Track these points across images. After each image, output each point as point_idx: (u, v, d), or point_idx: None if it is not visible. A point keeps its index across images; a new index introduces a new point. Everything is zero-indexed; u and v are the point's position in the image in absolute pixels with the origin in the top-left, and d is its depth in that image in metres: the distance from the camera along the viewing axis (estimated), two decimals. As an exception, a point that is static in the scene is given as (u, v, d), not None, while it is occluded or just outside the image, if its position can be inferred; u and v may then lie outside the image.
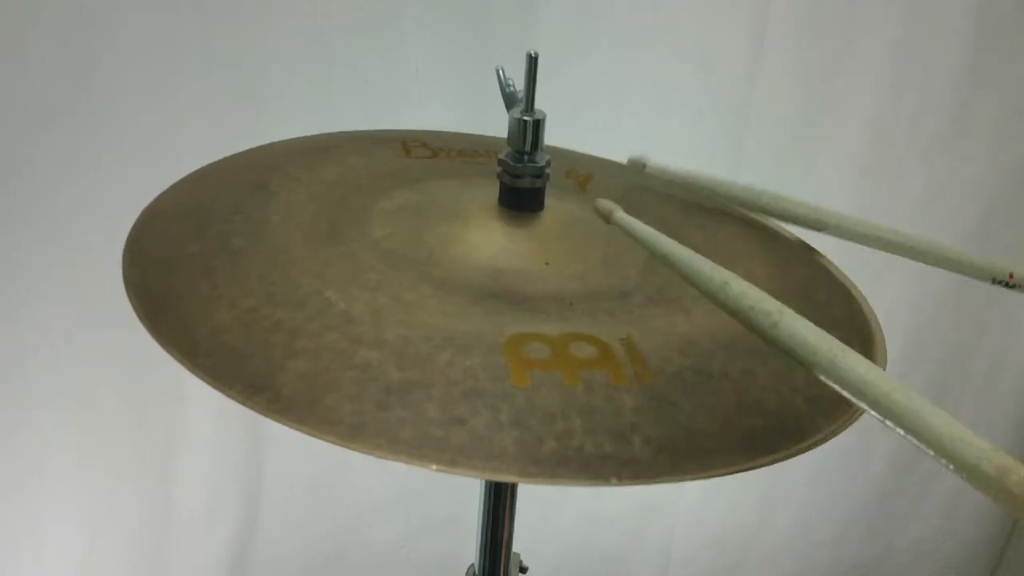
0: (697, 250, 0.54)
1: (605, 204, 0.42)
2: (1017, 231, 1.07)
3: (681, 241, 0.54)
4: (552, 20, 0.89)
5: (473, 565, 0.63)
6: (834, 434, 0.40)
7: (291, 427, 0.35)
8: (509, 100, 0.50)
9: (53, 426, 0.94)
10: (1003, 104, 1.00)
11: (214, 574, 1.06)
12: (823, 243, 0.58)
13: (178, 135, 0.84)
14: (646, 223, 0.46)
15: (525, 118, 0.49)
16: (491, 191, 0.51)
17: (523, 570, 0.64)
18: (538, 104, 0.49)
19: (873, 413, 0.28)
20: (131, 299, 0.42)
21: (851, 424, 0.40)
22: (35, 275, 0.87)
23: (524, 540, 0.62)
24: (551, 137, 0.51)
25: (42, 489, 0.97)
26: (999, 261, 0.30)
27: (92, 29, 0.80)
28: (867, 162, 1.00)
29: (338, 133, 0.65)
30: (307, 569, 1.10)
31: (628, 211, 0.53)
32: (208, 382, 0.37)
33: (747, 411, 0.39)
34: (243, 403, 0.36)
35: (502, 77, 0.50)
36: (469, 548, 0.63)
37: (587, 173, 0.63)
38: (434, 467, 0.34)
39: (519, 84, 0.49)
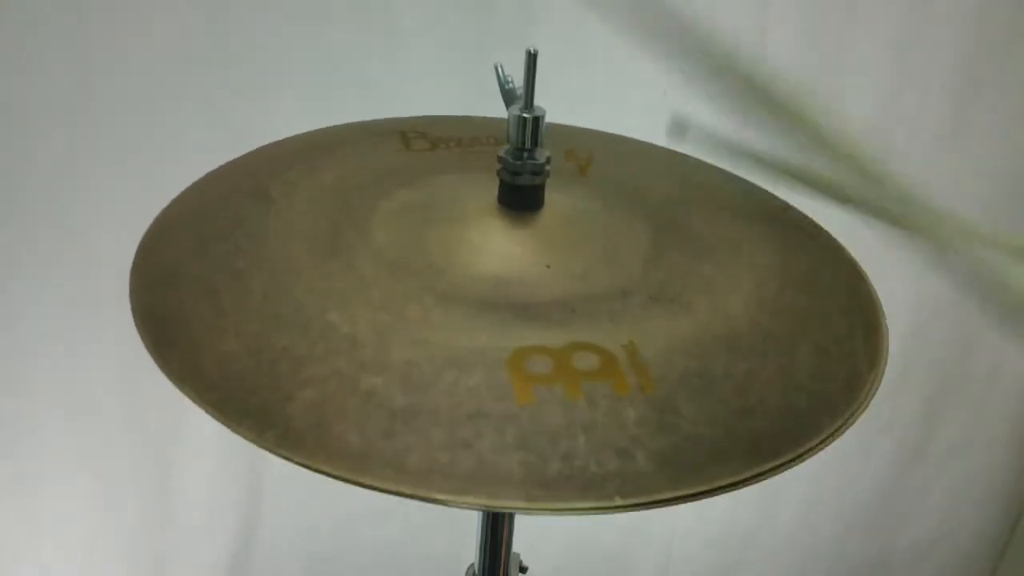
0: (699, 236, 0.53)
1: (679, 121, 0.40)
2: (1017, 231, 1.07)
3: (682, 226, 0.54)
4: (552, 20, 0.89)
5: (473, 565, 0.63)
6: (838, 434, 0.40)
7: (299, 463, 0.35)
8: (508, 97, 0.50)
9: (54, 426, 0.94)
10: (1003, 104, 1.00)
11: (214, 574, 1.06)
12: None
13: (178, 135, 0.84)
14: (645, 205, 0.45)
15: (525, 115, 0.49)
16: (491, 187, 0.51)
17: (523, 570, 0.63)
18: (537, 103, 0.49)
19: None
20: (139, 329, 0.42)
21: (853, 423, 0.40)
22: (35, 274, 0.87)
23: (524, 540, 0.62)
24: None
25: (42, 489, 0.97)
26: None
27: (92, 29, 0.80)
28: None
29: (337, 126, 0.65)
30: (307, 569, 1.10)
31: (629, 195, 0.52)
32: (218, 419, 0.37)
33: (750, 414, 0.39)
34: (254, 441, 0.36)
35: (501, 74, 0.50)
36: (469, 548, 0.63)
37: (588, 154, 0.63)
38: (440, 498, 0.34)
39: (518, 81, 0.49)
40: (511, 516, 0.60)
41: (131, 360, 0.89)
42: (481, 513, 0.60)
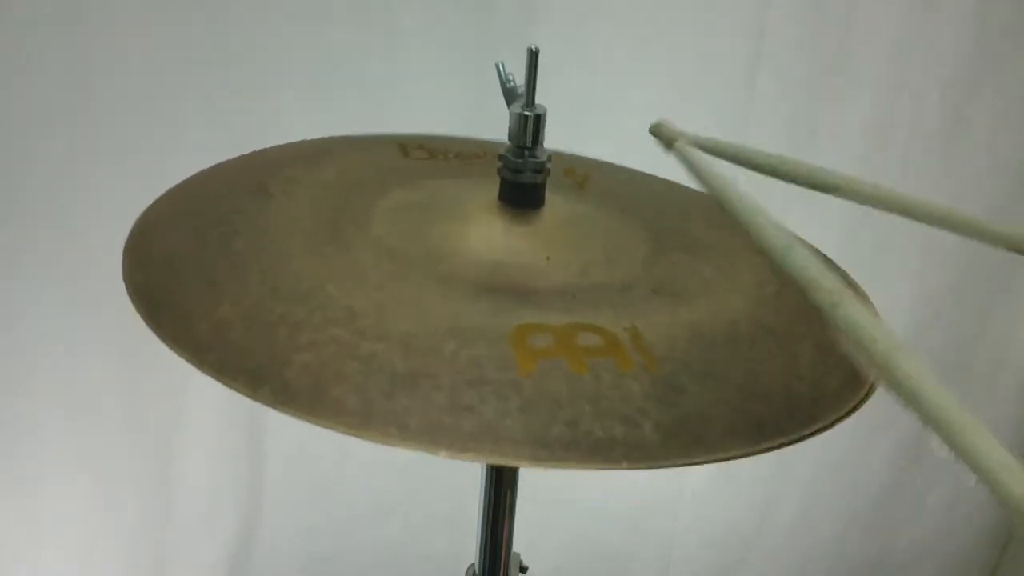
0: (697, 239, 0.54)
1: (666, 129, 0.39)
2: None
3: (681, 232, 0.54)
4: (552, 20, 0.89)
5: (473, 565, 0.63)
6: (839, 420, 0.40)
7: (299, 418, 0.35)
8: (509, 95, 0.50)
9: (54, 426, 0.94)
10: (1003, 104, 1.00)
11: (214, 574, 1.06)
12: (823, 236, 0.58)
13: (178, 136, 0.84)
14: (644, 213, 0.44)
15: (526, 113, 0.49)
16: (491, 188, 0.51)
17: (523, 570, 0.63)
18: (538, 102, 0.49)
19: (920, 421, 0.27)
20: (132, 298, 0.42)
21: (854, 413, 0.41)
22: (35, 274, 0.87)
23: (524, 540, 0.62)
24: (550, 138, 0.51)
25: (42, 489, 0.97)
26: (1019, 229, 0.29)
27: (92, 30, 0.80)
28: (866, 162, 1.00)
29: (335, 137, 0.65)
30: (307, 569, 1.10)
31: (628, 205, 0.52)
32: (213, 376, 0.37)
33: (754, 399, 0.39)
34: (249, 395, 0.36)
35: (502, 72, 0.51)
36: (469, 548, 0.63)
37: (585, 172, 0.63)
38: (443, 454, 0.34)
39: (519, 79, 0.49)
40: (511, 516, 0.60)
41: (131, 360, 0.90)
42: (481, 513, 0.60)
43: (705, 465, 0.36)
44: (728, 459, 0.36)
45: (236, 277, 0.43)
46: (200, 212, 0.50)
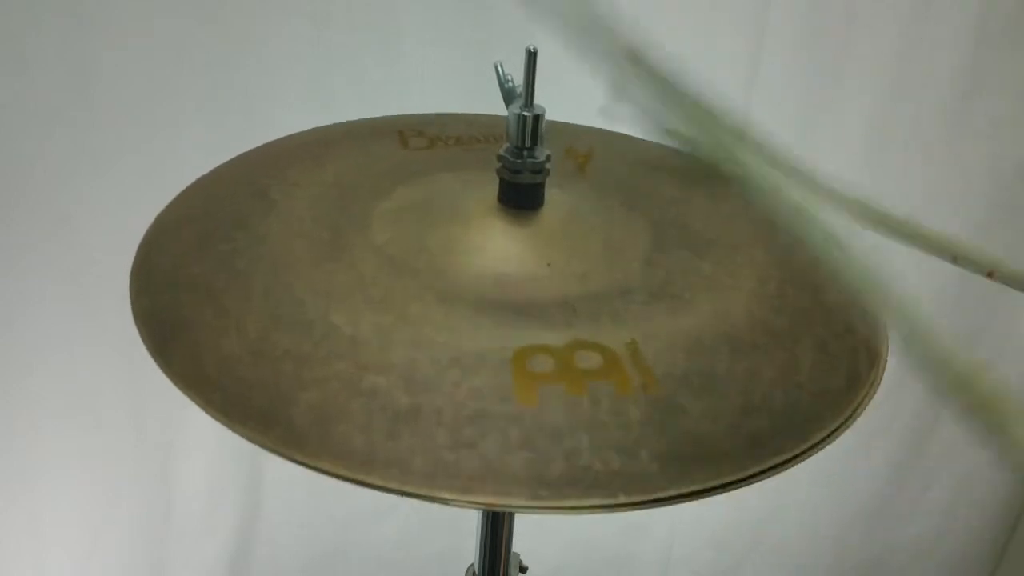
0: (697, 234, 0.53)
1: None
2: (1016, 231, 1.07)
3: (681, 225, 0.54)
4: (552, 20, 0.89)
5: (473, 565, 0.63)
6: (841, 430, 0.40)
7: (303, 464, 0.35)
8: (508, 96, 0.50)
9: (53, 426, 0.94)
10: (1003, 104, 1.00)
11: (214, 574, 1.06)
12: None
13: (179, 137, 0.84)
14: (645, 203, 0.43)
15: (524, 113, 0.49)
16: (490, 186, 0.51)
17: (523, 570, 0.63)
18: (536, 102, 0.49)
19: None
20: (140, 332, 0.42)
21: (855, 420, 0.40)
22: (36, 275, 0.88)
23: (524, 540, 0.62)
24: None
25: (42, 489, 0.97)
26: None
27: (92, 31, 0.80)
28: (866, 163, 1.00)
29: (334, 125, 0.65)
30: (307, 569, 1.10)
31: (629, 193, 0.51)
32: (220, 420, 0.37)
33: (752, 412, 0.39)
34: (256, 441, 0.36)
35: (501, 73, 0.50)
36: (469, 548, 0.63)
37: (587, 152, 0.63)
38: (447, 497, 0.34)
39: (518, 80, 0.49)
40: (511, 516, 0.60)
41: (131, 360, 0.90)
42: (481, 513, 0.60)
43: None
44: (726, 488, 0.36)
45: (240, 303, 0.43)
46: (203, 227, 0.50)
